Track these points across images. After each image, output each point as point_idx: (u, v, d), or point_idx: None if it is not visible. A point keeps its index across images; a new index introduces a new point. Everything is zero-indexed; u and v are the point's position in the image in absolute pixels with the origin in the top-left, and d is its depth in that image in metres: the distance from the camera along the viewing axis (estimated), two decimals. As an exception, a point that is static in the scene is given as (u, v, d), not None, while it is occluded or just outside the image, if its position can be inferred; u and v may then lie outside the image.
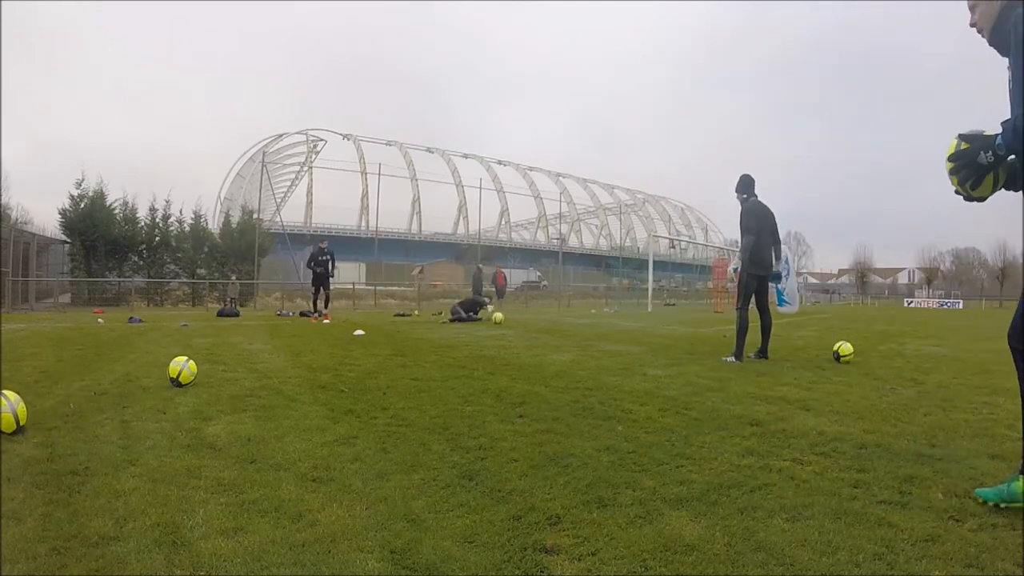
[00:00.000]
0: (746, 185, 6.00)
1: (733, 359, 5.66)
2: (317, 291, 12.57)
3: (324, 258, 12.37)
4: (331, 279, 12.56)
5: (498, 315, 12.09)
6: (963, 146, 1.84)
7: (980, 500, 1.95)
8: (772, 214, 6.01)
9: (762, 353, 5.88)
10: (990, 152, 1.77)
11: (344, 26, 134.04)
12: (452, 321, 11.96)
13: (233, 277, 22.29)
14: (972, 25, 1.98)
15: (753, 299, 5.98)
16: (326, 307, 12.52)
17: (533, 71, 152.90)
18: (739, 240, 6.16)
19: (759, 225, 5.81)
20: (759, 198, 5.99)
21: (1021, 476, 1.89)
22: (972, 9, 1.98)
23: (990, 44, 1.95)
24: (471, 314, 12.40)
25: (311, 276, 12.59)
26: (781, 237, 6.21)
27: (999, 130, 1.78)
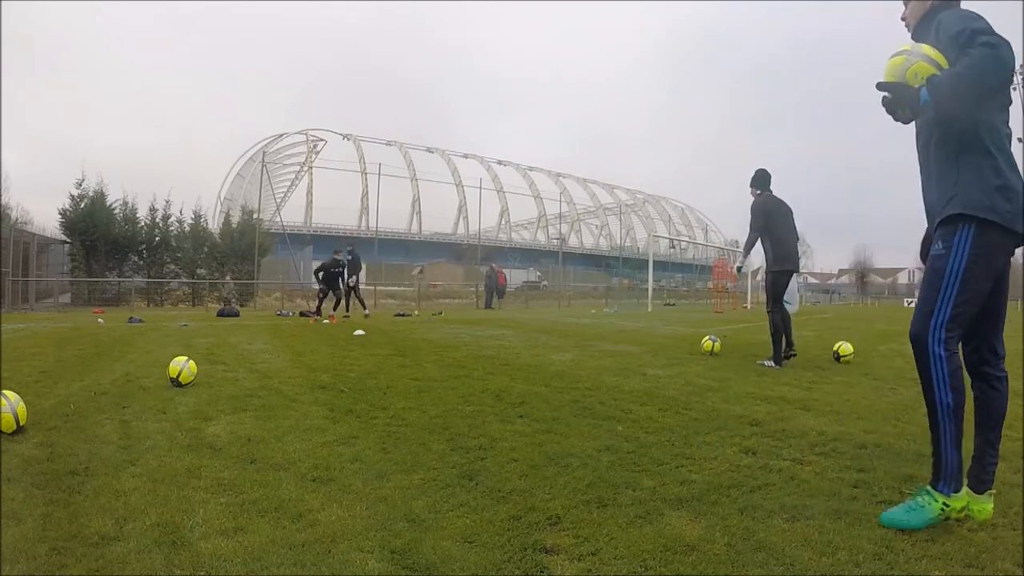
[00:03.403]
0: (760, 180, 5.78)
1: (771, 363, 5.42)
2: (326, 294, 12.12)
3: (336, 270, 12.08)
4: (344, 281, 12.24)
5: (342, 314, 12.46)
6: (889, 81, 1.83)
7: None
8: (789, 209, 5.74)
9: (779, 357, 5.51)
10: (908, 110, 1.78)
11: (345, 28, 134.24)
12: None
13: (228, 276, 22.24)
14: (902, 19, 2.12)
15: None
16: (335, 308, 12.11)
17: (532, 73, 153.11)
18: (741, 240, 6.08)
19: (770, 221, 5.56)
20: (772, 192, 5.76)
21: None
22: (905, 4, 2.11)
23: (912, 39, 2.05)
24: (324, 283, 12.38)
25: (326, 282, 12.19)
26: None
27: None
